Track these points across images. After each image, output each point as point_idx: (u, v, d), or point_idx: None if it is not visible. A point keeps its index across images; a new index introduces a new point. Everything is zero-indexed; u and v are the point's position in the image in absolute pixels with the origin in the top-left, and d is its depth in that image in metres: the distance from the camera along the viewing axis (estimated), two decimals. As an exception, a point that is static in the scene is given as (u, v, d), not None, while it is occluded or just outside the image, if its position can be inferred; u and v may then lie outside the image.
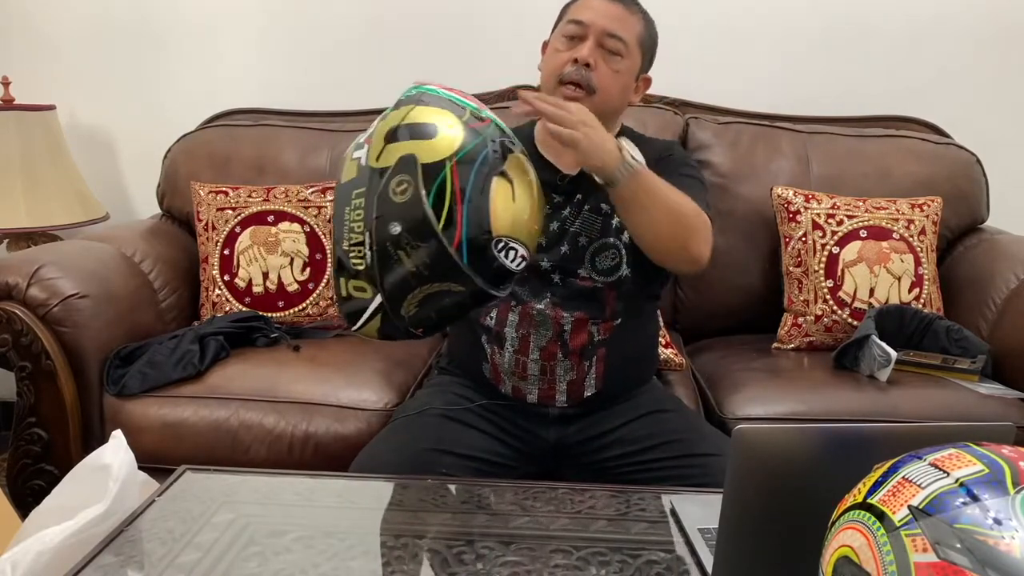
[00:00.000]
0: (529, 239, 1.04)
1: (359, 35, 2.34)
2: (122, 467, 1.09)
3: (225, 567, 0.95)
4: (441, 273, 0.99)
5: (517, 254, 1.02)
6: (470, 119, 1.03)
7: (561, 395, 1.33)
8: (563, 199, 1.34)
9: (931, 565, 0.55)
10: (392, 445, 1.30)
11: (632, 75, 1.35)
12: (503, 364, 1.33)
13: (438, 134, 1.00)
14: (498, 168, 1.01)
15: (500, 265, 1.01)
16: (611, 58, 1.31)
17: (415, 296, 1.01)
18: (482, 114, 1.05)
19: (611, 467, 1.32)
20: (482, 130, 1.02)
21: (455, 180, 0.98)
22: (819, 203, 1.89)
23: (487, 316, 1.34)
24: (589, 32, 1.30)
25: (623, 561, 0.96)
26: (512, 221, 1.01)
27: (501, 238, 1.00)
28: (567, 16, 1.34)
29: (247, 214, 1.95)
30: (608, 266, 1.34)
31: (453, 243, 0.98)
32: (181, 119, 2.27)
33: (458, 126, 1.01)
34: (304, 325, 1.92)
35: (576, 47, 1.30)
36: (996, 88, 2.22)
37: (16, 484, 1.67)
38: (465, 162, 0.99)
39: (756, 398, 1.62)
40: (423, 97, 1.05)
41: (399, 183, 0.98)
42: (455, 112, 1.03)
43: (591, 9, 1.32)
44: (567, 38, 1.32)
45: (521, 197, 1.03)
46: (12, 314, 1.63)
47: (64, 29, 2.40)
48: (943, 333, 1.74)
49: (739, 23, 2.25)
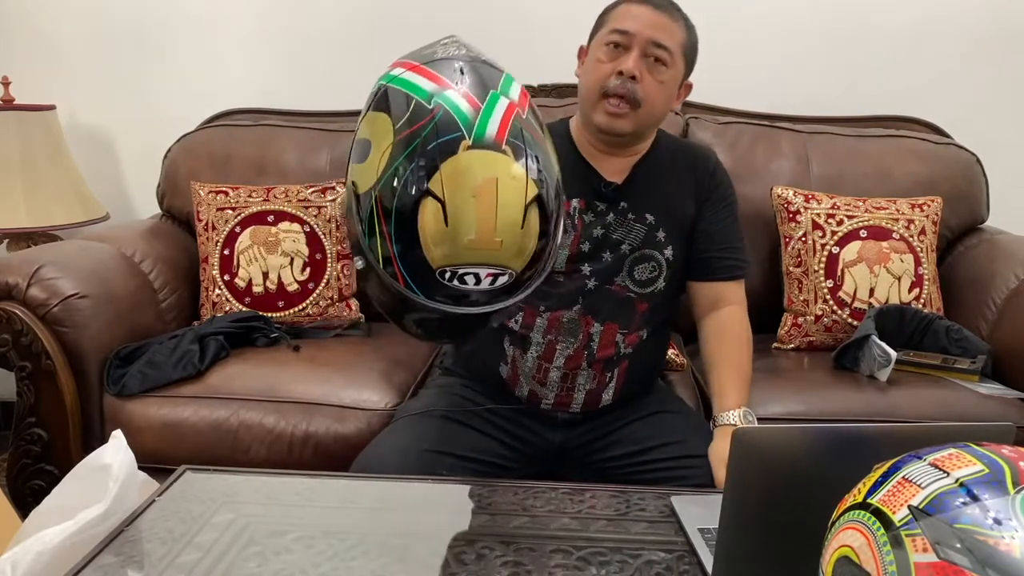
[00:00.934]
0: (494, 255, 0.88)
1: (359, 35, 2.34)
2: (122, 467, 1.09)
3: (225, 567, 0.95)
4: (409, 305, 0.90)
5: (479, 277, 0.88)
6: (411, 118, 0.88)
7: (577, 404, 1.33)
8: (606, 206, 1.32)
9: (931, 565, 0.55)
10: (393, 446, 1.29)
11: (676, 84, 1.32)
12: (524, 367, 1.32)
13: (369, 155, 0.89)
14: (421, 191, 0.85)
15: (463, 291, 0.88)
16: (656, 68, 1.27)
17: (408, 318, 0.94)
18: (430, 102, 0.88)
19: (612, 467, 1.32)
20: (413, 137, 0.87)
21: (380, 213, 0.87)
22: (819, 203, 1.89)
23: (513, 318, 1.32)
24: (633, 42, 1.25)
25: (623, 561, 0.96)
26: (451, 247, 0.86)
27: (445, 268, 0.87)
28: (609, 24, 1.29)
29: (247, 214, 1.95)
30: (646, 278, 1.33)
31: (399, 280, 0.88)
32: (181, 119, 2.27)
33: (387, 141, 0.88)
34: (304, 325, 1.92)
35: (620, 57, 1.26)
36: (996, 88, 2.22)
37: (16, 484, 1.67)
38: (386, 190, 0.86)
39: (756, 398, 1.62)
40: (379, 92, 0.94)
41: (349, 210, 0.92)
42: (397, 112, 0.89)
43: (635, 18, 1.27)
44: (610, 47, 1.27)
45: (461, 214, 0.85)
46: (12, 314, 1.63)
47: (64, 29, 2.41)
48: (943, 333, 1.74)
49: (739, 23, 2.25)
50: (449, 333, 1.01)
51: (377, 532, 1.05)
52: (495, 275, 0.88)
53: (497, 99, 0.91)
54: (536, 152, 0.90)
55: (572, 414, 1.34)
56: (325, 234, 1.95)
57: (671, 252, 1.33)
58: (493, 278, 0.89)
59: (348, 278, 1.97)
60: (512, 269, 0.90)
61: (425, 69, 0.92)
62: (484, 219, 0.86)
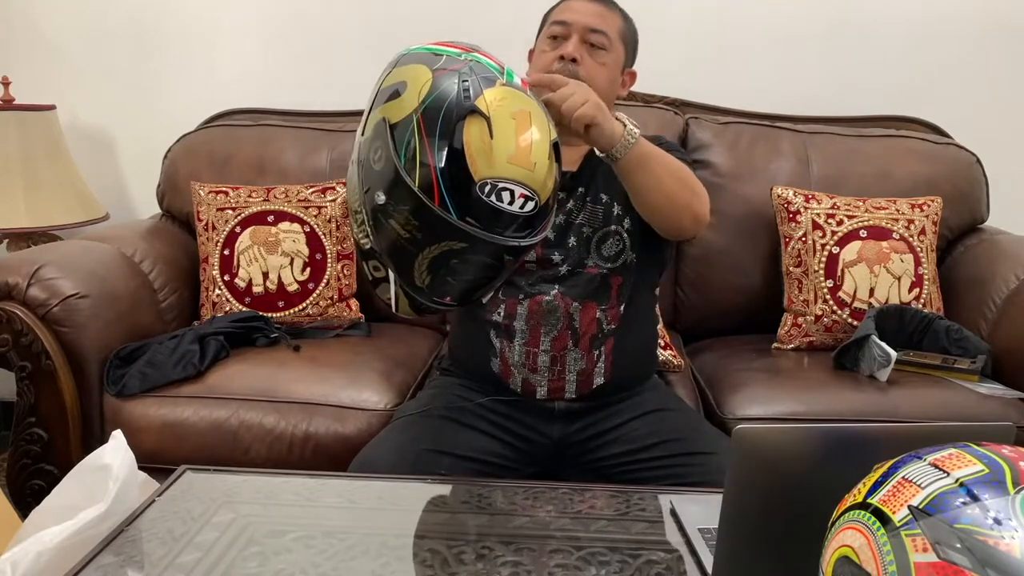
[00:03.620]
0: (525, 174, 0.95)
1: (359, 35, 2.34)
2: (122, 467, 1.09)
3: (225, 567, 0.95)
4: (435, 233, 0.94)
5: (514, 194, 0.94)
6: (445, 64, 0.97)
7: (571, 386, 1.34)
8: (566, 194, 1.37)
9: (931, 565, 0.55)
10: (391, 445, 1.30)
11: (618, 67, 1.40)
12: (513, 357, 1.34)
13: (406, 90, 0.95)
14: (467, 107, 0.93)
15: (496, 209, 0.94)
16: (596, 52, 1.35)
17: (421, 263, 0.97)
18: (461, 56, 0.99)
19: (611, 466, 1.32)
20: (452, 73, 0.96)
21: (423, 131, 0.93)
22: (819, 203, 1.89)
23: (495, 311, 1.34)
24: (572, 30, 1.35)
25: (623, 561, 0.96)
26: (491, 160, 0.93)
27: (486, 181, 0.93)
28: (550, 20, 1.40)
29: (247, 214, 1.95)
30: (613, 252, 1.37)
31: (434, 199, 0.92)
32: (181, 119, 2.27)
33: (426, 77, 0.95)
34: (304, 325, 1.92)
35: (561, 45, 1.34)
36: (996, 88, 2.22)
37: (16, 484, 1.67)
38: (431, 110, 0.93)
39: (756, 398, 1.63)
40: (400, 59, 1.02)
41: (375, 149, 0.96)
42: (428, 63, 0.97)
43: (572, 10, 1.37)
44: (551, 39, 1.37)
45: (503, 132, 0.94)
46: (12, 314, 1.63)
47: (64, 29, 2.41)
48: (943, 333, 1.74)
49: (739, 23, 2.25)
50: (461, 276, 1.00)
51: (377, 532, 1.05)
52: (527, 197, 0.95)
53: (512, 72, 1.02)
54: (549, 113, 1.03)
55: (568, 402, 1.35)
56: (325, 234, 1.95)
57: (629, 223, 1.37)
58: (524, 200, 0.95)
59: (348, 278, 1.97)
60: (539, 196, 0.96)
61: (442, 44, 1.02)
62: (523, 140, 0.95)
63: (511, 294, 1.34)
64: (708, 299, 2.03)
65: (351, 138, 2.13)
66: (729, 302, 2.01)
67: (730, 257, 1.99)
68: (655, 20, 2.26)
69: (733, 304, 2.01)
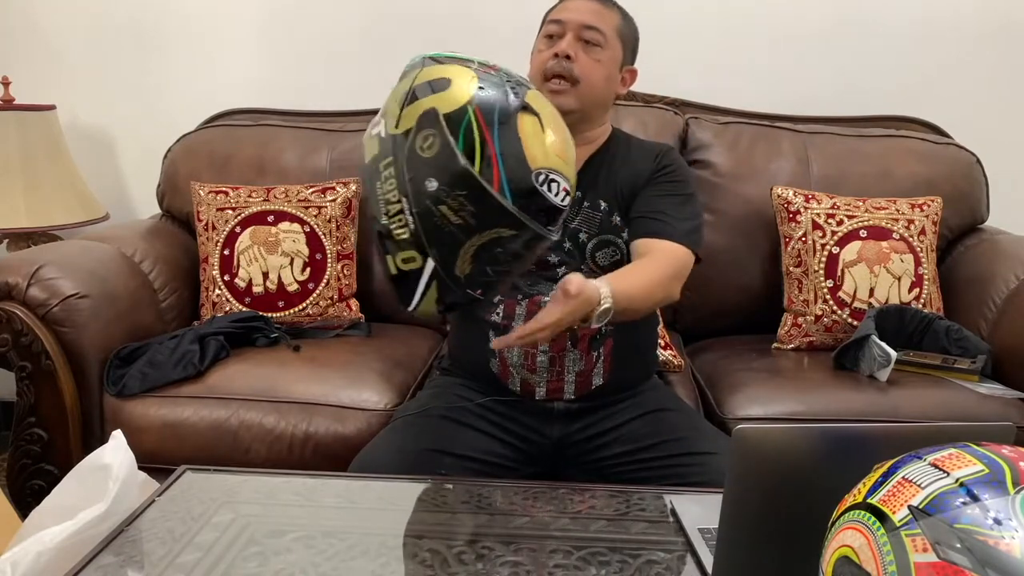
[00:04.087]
0: (567, 169, 1.03)
1: (359, 35, 2.34)
2: (122, 467, 1.09)
3: (225, 567, 0.95)
4: (489, 219, 0.98)
5: (559, 187, 1.01)
6: (479, 67, 1.03)
7: (569, 386, 1.34)
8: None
9: (931, 565, 0.55)
10: (391, 446, 1.30)
11: (615, 65, 1.39)
12: (512, 358, 1.34)
13: (453, 84, 0.99)
14: (520, 103, 1.00)
15: (546, 200, 1.00)
16: (591, 48, 1.36)
17: (467, 251, 0.99)
18: (489, 63, 1.06)
19: (611, 465, 1.32)
20: (493, 73, 1.03)
21: (480, 121, 0.97)
22: (819, 203, 1.89)
23: (494, 311, 1.34)
24: (567, 28, 1.36)
25: (623, 561, 0.96)
26: (546, 152, 1.00)
27: (541, 171, 0.99)
28: (547, 20, 1.42)
29: (247, 214, 1.95)
30: (609, 263, 1.37)
31: (493, 185, 0.97)
32: (181, 119, 2.27)
33: (470, 74, 1.00)
34: (304, 325, 1.92)
35: (556, 43, 1.36)
36: (996, 88, 2.22)
37: (16, 484, 1.67)
38: (486, 102, 0.98)
39: (756, 398, 1.63)
40: (428, 61, 1.05)
41: (425, 138, 0.97)
42: (464, 64, 1.03)
43: (568, 9, 1.39)
44: (548, 38, 1.38)
45: (549, 128, 1.02)
46: (12, 314, 1.63)
47: (64, 29, 2.41)
48: (943, 333, 1.74)
49: (739, 23, 2.25)
50: (498, 267, 1.04)
51: (377, 532, 1.05)
52: (567, 191, 1.03)
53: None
54: None
55: (567, 403, 1.34)
56: (325, 234, 1.95)
57: (628, 235, 1.37)
58: (565, 194, 1.02)
59: (348, 278, 1.97)
60: (571, 191, 1.04)
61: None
62: (564, 137, 1.05)
63: (510, 295, 1.34)
64: (708, 299, 2.03)
65: (351, 138, 2.15)
66: (729, 302, 2.01)
67: (730, 257, 1.99)
68: (655, 20, 2.26)
69: (733, 304, 2.01)
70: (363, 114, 2.24)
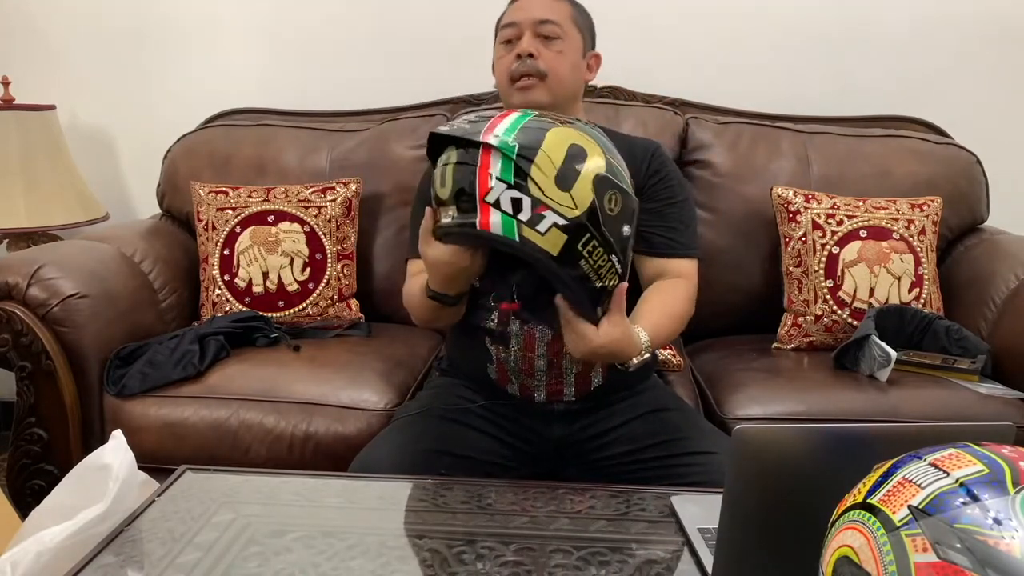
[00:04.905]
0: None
1: (359, 35, 2.34)
2: (122, 467, 1.09)
3: (225, 567, 0.95)
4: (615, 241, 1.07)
5: None
6: (573, 125, 1.09)
7: (569, 388, 1.33)
8: None
9: (931, 565, 0.55)
10: (391, 446, 1.29)
11: (577, 53, 1.39)
12: (509, 363, 1.33)
13: (586, 148, 1.05)
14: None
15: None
16: (550, 42, 1.35)
17: (596, 246, 1.05)
18: (558, 116, 1.12)
19: (610, 465, 1.32)
20: (583, 122, 1.12)
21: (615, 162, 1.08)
22: (819, 203, 1.89)
23: (489, 318, 1.33)
24: (522, 28, 1.35)
25: (623, 561, 0.96)
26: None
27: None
28: (500, 26, 1.41)
29: (247, 214, 1.95)
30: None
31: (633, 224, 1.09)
32: (181, 119, 2.27)
33: (576, 133, 1.06)
34: (304, 325, 1.92)
35: (514, 46, 1.35)
36: (996, 88, 2.22)
37: (16, 484, 1.67)
38: (606, 145, 1.08)
39: (756, 398, 1.63)
40: (547, 127, 1.06)
41: (609, 199, 1.04)
42: (561, 126, 1.07)
43: (518, 10, 1.38)
44: (506, 44, 1.37)
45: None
46: (12, 314, 1.63)
47: (64, 29, 2.41)
48: (943, 333, 1.74)
49: (739, 23, 2.25)
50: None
51: (377, 532, 1.05)
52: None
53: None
54: None
55: (567, 403, 1.34)
56: (325, 234, 1.95)
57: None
58: None
59: (348, 278, 1.97)
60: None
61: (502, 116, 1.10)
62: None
63: (501, 298, 1.32)
64: (708, 299, 2.00)
65: (351, 138, 2.16)
66: (729, 302, 2.01)
67: (730, 257, 1.99)
68: (655, 20, 2.27)
69: (733, 304, 2.01)
70: (363, 114, 2.25)
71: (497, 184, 1.01)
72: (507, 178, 1.01)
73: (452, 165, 1.05)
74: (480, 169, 1.02)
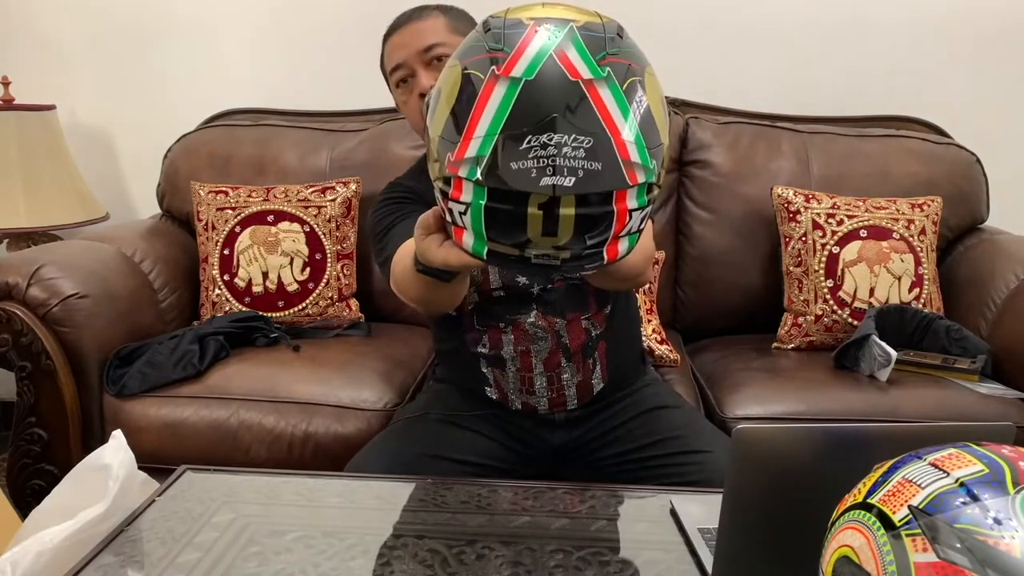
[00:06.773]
0: None
1: (359, 35, 2.33)
2: (122, 467, 1.09)
3: (225, 567, 0.95)
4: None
5: None
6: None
7: (571, 398, 1.33)
8: None
9: (931, 565, 0.55)
10: (388, 450, 1.28)
11: None
12: (508, 385, 1.32)
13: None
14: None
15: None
16: (443, 63, 1.25)
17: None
18: None
19: (609, 465, 1.31)
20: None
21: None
22: (819, 203, 1.89)
23: (479, 344, 1.31)
24: (411, 64, 1.27)
25: (623, 561, 0.96)
26: None
27: None
28: (387, 71, 1.33)
29: (247, 214, 1.95)
30: (577, 274, 1.32)
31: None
32: (181, 119, 2.27)
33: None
34: (304, 325, 1.92)
35: (413, 85, 1.28)
36: (996, 88, 2.22)
37: (16, 484, 1.67)
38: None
39: (756, 398, 1.63)
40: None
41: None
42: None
43: (398, 48, 1.29)
44: (401, 85, 1.30)
45: None
46: (12, 314, 1.64)
47: (64, 29, 2.41)
48: (943, 333, 1.74)
49: (739, 23, 2.25)
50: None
51: (377, 532, 1.05)
52: None
53: None
54: None
55: (569, 411, 1.34)
56: (325, 234, 1.95)
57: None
58: None
59: (348, 278, 1.97)
60: None
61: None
62: None
63: (488, 323, 1.30)
64: (708, 299, 2.03)
65: (351, 138, 2.16)
66: (729, 302, 2.01)
67: (730, 257, 1.99)
68: (655, 20, 2.27)
69: (733, 304, 2.01)
70: (363, 114, 2.24)
71: (634, 216, 0.80)
72: (643, 203, 0.80)
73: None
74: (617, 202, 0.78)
